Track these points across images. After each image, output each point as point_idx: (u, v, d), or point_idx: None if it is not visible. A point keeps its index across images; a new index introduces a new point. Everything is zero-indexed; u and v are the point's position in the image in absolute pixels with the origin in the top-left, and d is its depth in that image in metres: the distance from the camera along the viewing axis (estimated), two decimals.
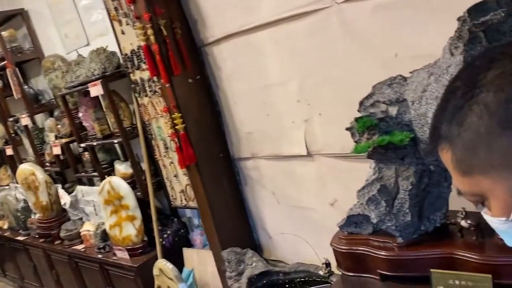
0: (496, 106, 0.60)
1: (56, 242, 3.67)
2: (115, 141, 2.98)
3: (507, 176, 0.62)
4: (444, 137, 0.67)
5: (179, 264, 2.81)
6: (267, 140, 2.29)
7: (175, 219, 3.05)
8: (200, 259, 2.83)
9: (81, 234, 3.41)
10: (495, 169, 0.63)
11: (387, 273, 1.47)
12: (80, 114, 3.26)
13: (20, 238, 4.16)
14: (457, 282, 1.25)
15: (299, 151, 2.14)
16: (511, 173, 0.61)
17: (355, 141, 1.48)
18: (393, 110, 1.40)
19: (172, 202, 2.97)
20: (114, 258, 3.03)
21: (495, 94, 0.60)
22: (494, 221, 0.68)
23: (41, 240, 3.84)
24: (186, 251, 2.92)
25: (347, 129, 1.49)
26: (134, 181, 3.00)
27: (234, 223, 2.60)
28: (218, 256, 2.58)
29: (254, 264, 2.25)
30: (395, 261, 1.45)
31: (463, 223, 1.37)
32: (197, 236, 3.02)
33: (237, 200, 2.61)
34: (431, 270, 1.29)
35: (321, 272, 2.03)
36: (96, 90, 2.82)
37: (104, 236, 3.18)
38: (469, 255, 1.31)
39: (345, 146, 1.85)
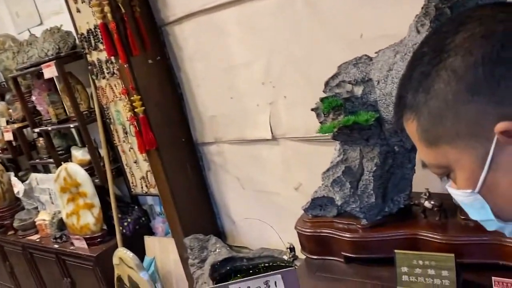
0: (464, 71, 0.57)
1: (9, 233, 3.49)
2: (71, 125, 2.83)
3: (474, 145, 0.59)
4: (410, 106, 0.64)
5: (140, 252, 2.73)
6: (231, 124, 2.23)
7: (136, 207, 2.96)
8: (162, 247, 2.75)
9: (36, 223, 3.25)
10: (462, 138, 0.60)
11: (351, 255, 1.46)
12: (34, 98, 3.09)
13: None
14: (420, 262, 1.24)
15: (264, 135, 2.10)
16: (479, 142, 0.59)
17: (320, 122, 1.45)
18: (358, 90, 1.37)
19: (132, 190, 2.87)
20: (71, 248, 2.90)
21: (463, 58, 0.57)
22: (459, 194, 0.66)
23: None
24: (148, 239, 2.83)
25: (312, 109, 1.45)
26: (92, 168, 2.88)
27: (197, 210, 2.54)
28: (180, 243, 2.51)
29: (217, 250, 2.21)
30: (359, 243, 1.43)
31: (427, 204, 1.37)
32: (158, 224, 2.94)
33: (200, 186, 2.54)
34: (395, 251, 1.28)
35: (285, 257, 2.01)
36: (50, 71, 2.66)
37: (61, 225, 3.04)
38: (432, 235, 1.31)
39: (310, 129, 1.82)
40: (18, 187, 3.44)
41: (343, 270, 1.47)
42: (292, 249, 1.94)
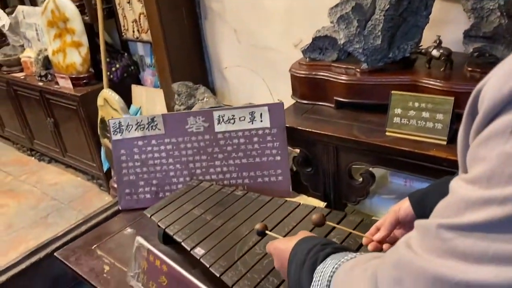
0: None
1: None
2: None
3: None
4: None
5: (126, 102, 2.64)
6: None
7: (126, 54, 2.83)
8: (149, 97, 2.69)
9: (22, 60, 3.13)
10: None
11: (344, 99, 1.40)
12: None
13: None
14: (416, 104, 1.19)
15: None
16: None
17: None
18: None
19: (123, 34, 2.72)
20: (56, 86, 2.82)
21: None
22: None
23: None
24: (135, 88, 2.76)
25: None
26: (83, 5, 2.69)
27: (189, 61, 2.43)
28: (168, 93, 2.45)
29: (205, 99, 2.14)
30: (355, 86, 1.36)
31: (434, 52, 1.28)
32: (148, 76, 2.85)
33: (194, 35, 2.40)
34: (392, 92, 1.22)
35: None
36: None
37: (46, 63, 2.93)
38: (433, 83, 1.24)
39: None
40: (4, 19, 3.24)
41: (332, 114, 1.42)
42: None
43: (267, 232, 0.94)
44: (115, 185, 2.73)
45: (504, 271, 0.38)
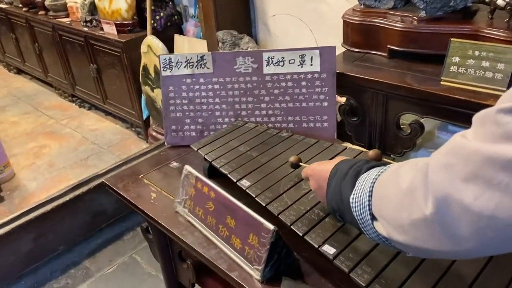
0: None
1: (41, 13, 3.45)
2: None
3: None
4: None
5: (168, 50, 2.68)
6: None
7: (170, 3, 2.83)
8: (191, 47, 2.70)
9: (68, 6, 3.18)
10: None
11: (397, 48, 1.37)
12: None
13: (1, 5, 3.90)
14: (476, 52, 1.14)
15: None
16: None
17: None
18: None
19: None
20: (100, 32, 2.86)
21: None
22: None
23: (24, 9, 3.60)
24: (178, 38, 2.77)
25: None
26: None
27: (234, 10, 2.41)
28: (211, 43, 2.44)
29: (249, 49, 2.13)
30: (411, 34, 1.32)
31: (499, 1, 1.22)
32: (190, 27, 2.85)
33: None
34: (451, 39, 1.18)
35: None
36: None
37: (92, 9, 2.97)
38: (496, 33, 1.19)
39: None
40: None
41: (384, 62, 1.39)
42: None
43: (300, 164, 0.95)
44: (154, 133, 2.80)
45: None
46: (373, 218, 0.65)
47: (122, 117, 3.15)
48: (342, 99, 1.47)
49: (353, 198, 0.69)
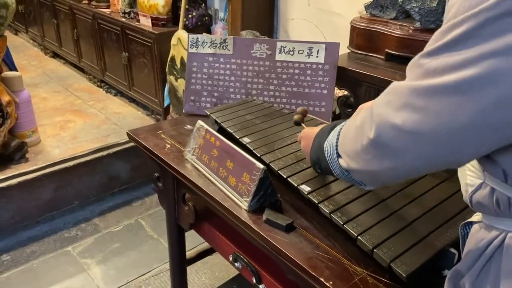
0: None
1: (84, 1, 3.75)
2: None
3: None
4: None
5: None
6: None
7: (203, 5, 3.09)
8: None
9: None
10: None
11: (394, 52, 1.57)
12: None
13: None
14: None
15: None
16: None
17: None
18: None
19: None
20: (136, 23, 3.13)
21: None
22: None
23: None
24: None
25: None
26: None
27: (260, 16, 2.65)
28: None
29: None
30: (405, 41, 1.53)
31: None
32: (218, 29, 3.10)
33: None
34: None
35: None
36: None
37: (132, 1, 3.25)
38: None
39: None
40: None
41: (381, 63, 1.60)
42: None
43: (302, 124, 1.15)
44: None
45: (462, 74, 0.56)
46: (338, 155, 0.84)
47: (145, 103, 3.39)
48: (340, 92, 1.67)
49: (326, 144, 0.88)
